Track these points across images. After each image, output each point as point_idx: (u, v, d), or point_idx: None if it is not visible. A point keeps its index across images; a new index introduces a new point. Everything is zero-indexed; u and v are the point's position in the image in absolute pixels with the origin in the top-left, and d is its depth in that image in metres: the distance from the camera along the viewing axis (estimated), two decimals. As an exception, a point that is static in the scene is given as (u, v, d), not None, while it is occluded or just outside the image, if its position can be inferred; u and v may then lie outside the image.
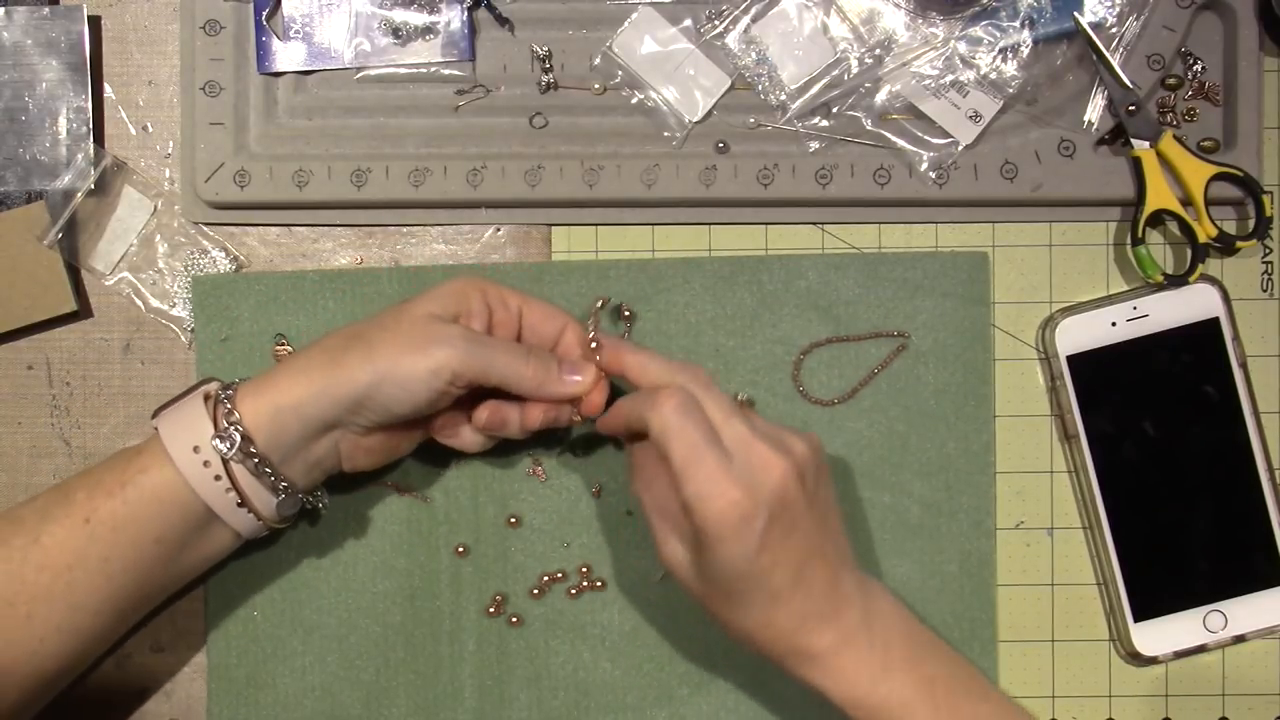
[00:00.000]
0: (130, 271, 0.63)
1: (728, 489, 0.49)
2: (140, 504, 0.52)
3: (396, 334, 0.53)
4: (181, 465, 0.52)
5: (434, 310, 0.54)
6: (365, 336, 0.54)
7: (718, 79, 0.62)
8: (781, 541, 0.50)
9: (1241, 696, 0.62)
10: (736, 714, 0.61)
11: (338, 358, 0.53)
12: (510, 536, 0.62)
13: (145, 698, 0.62)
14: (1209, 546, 0.61)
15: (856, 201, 0.62)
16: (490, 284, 0.56)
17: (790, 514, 0.50)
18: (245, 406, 0.53)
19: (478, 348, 0.53)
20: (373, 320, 0.55)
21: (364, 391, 0.52)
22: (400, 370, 0.52)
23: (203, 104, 0.61)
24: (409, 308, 0.55)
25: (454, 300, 0.55)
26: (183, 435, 0.53)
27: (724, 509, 0.49)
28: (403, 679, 0.61)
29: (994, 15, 0.61)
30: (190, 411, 0.53)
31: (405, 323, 0.54)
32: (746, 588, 0.50)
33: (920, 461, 0.62)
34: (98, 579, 0.53)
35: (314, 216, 0.63)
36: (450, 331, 0.53)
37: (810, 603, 0.51)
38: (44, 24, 0.61)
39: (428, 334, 0.53)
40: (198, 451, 0.52)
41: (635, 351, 0.55)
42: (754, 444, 0.50)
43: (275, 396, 0.53)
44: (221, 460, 0.52)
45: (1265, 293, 0.63)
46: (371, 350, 0.53)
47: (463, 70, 0.62)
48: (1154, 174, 0.61)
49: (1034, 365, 0.63)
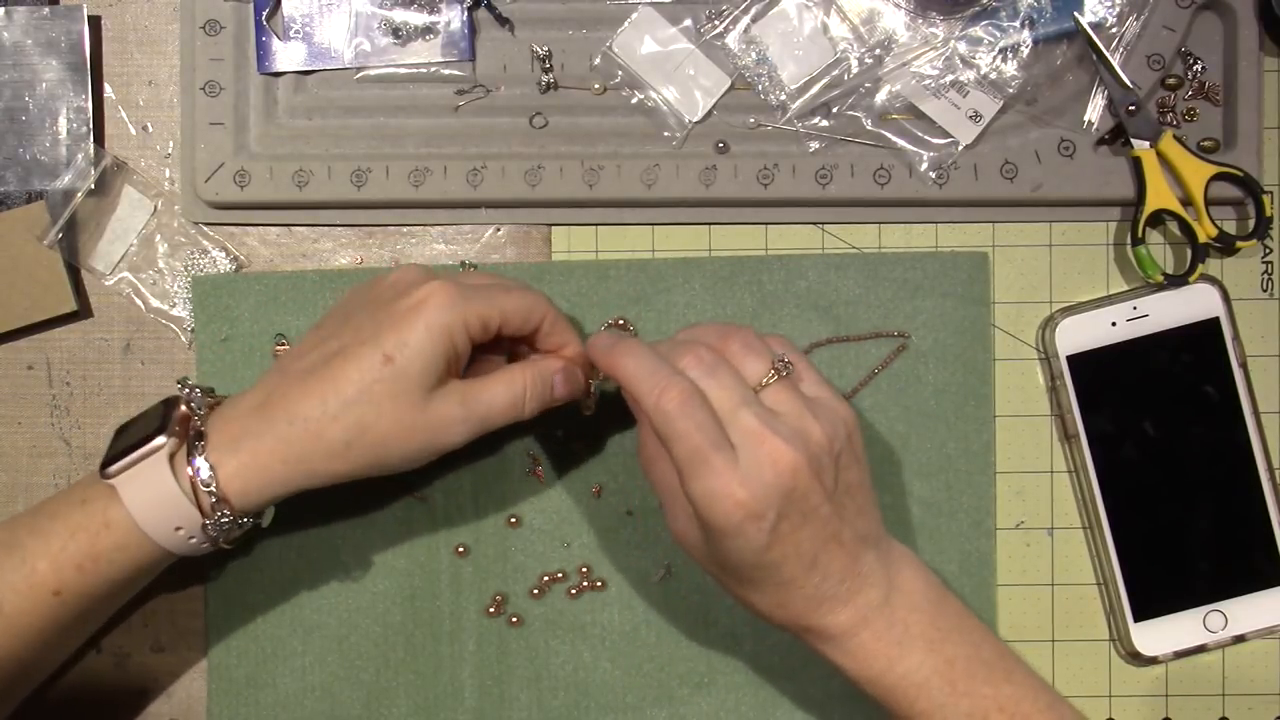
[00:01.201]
0: (130, 271, 0.63)
1: (734, 489, 0.47)
2: (114, 575, 0.51)
3: (399, 429, 0.51)
4: (165, 543, 0.51)
5: (429, 381, 0.51)
6: (368, 431, 0.51)
7: (718, 79, 0.62)
8: (793, 534, 0.48)
9: (1241, 696, 0.62)
10: (736, 714, 0.61)
11: (341, 454, 0.51)
12: (510, 536, 0.62)
13: (145, 698, 0.62)
14: (1209, 546, 0.61)
15: (856, 201, 0.62)
16: (470, 309, 0.52)
17: (803, 506, 0.48)
18: (233, 487, 0.50)
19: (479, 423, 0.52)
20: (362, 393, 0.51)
21: (363, 475, 0.52)
22: (407, 463, 0.52)
23: (203, 104, 0.61)
24: (401, 384, 0.51)
25: (443, 357, 0.51)
26: (163, 520, 0.51)
27: (730, 510, 0.47)
28: (403, 679, 0.61)
29: (994, 15, 0.61)
30: (164, 490, 0.50)
31: (404, 409, 0.51)
32: (757, 576, 0.50)
33: (920, 461, 0.62)
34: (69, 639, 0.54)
35: (314, 216, 0.63)
36: (451, 413, 0.52)
37: (826, 585, 0.50)
38: (44, 24, 0.61)
39: (432, 426, 0.51)
40: (181, 530, 0.51)
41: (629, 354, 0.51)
42: (764, 437, 0.48)
43: (269, 483, 0.51)
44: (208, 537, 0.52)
45: (1265, 293, 0.63)
46: (382, 449, 0.51)
47: (463, 70, 0.62)
48: (1154, 174, 0.61)
49: (1034, 365, 0.63)
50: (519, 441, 0.62)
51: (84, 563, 0.51)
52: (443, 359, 0.51)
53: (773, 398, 0.50)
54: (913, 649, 0.50)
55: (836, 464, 0.50)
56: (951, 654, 0.51)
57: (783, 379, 0.50)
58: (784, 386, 0.50)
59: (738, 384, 0.50)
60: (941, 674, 0.50)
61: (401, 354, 0.51)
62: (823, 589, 0.50)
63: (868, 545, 0.51)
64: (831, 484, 0.49)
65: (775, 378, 0.50)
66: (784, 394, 0.50)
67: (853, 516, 0.51)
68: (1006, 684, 0.51)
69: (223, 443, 0.51)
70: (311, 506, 0.61)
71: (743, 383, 0.50)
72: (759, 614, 0.52)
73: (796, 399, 0.50)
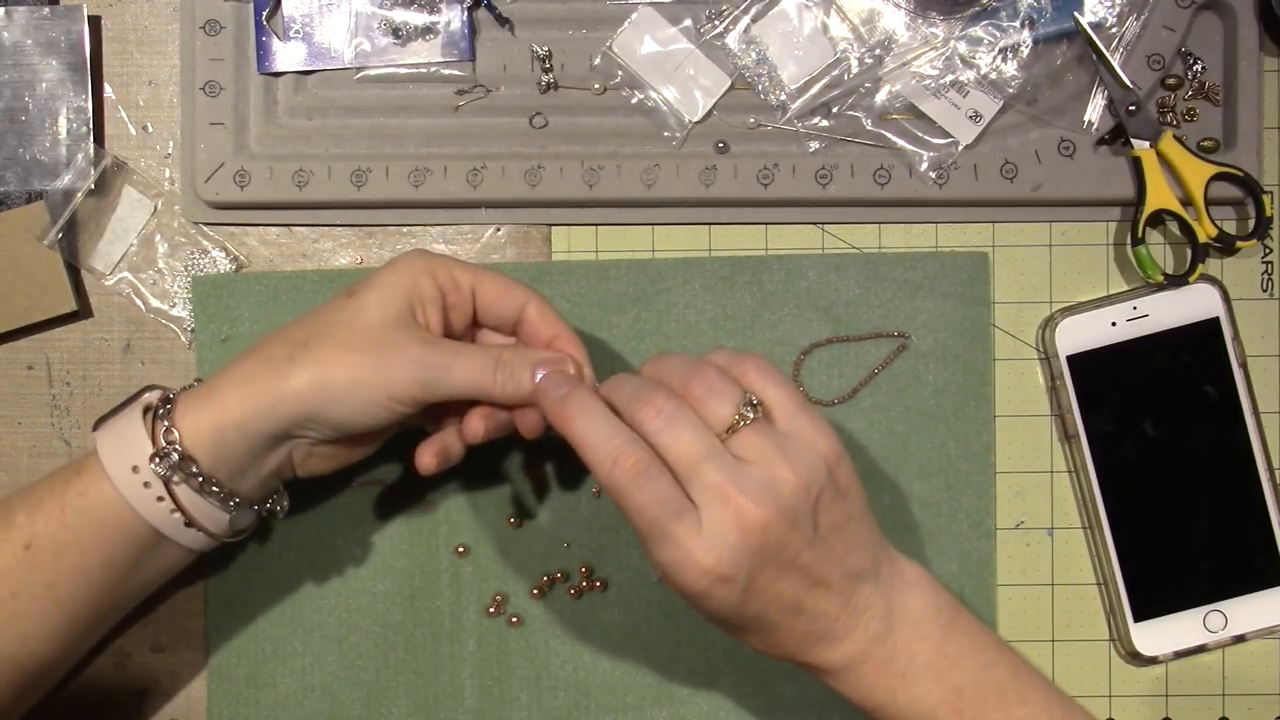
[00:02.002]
0: (130, 271, 0.63)
1: (697, 558, 0.45)
2: (82, 529, 0.49)
3: (348, 347, 0.49)
4: (121, 486, 0.49)
5: (386, 312, 0.50)
6: (313, 346, 0.49)
7: (718, 79, 0.62)
8: (772, 587, 0.46)
9: (1241, 696, 0.62)
10: (736, 714, 0.61)
11: (283, 370, 0.49)
12: (510, 536, 0.62)
13: (145, 698, 0.62)
14: (1209, 546, 0.61)
15: (856, 201, 0.62)
16: (440, 262, 0.52)
17: (778, 560, 0.46)
18: (185, 423, 0.49)
19: (439, 370, 0.49)
20: (318, 320, 0.51)
21: (313, 410, 0.49)
22: (355, 395, 0.49)
23: (203, 104, 0.61)
24: (357, 308, 0.50)
25: (404, 293, 0.51)
26: (121, 454, 0.49)
27: (695, 579, 0.45)
28: (403, 679, 0.61)
29: (994, 15, 0.61)
30: (128, 427, 0.49)
31: (357, 332, 0.50)
32: (742, 625, 0.48)
33: (920, 461, 0.62)
34: (46, 605, 0.50)
35: (314, 216, 0.63)
36: (408, 351, 0.49)
37: (816, 626, 0.48)
38: (44, 24, 0.61)
39: (383, 353, 0.49)
40: (137, 472, 0.49)
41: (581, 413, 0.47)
42: (728, 496, 0.45)
43: (218, 413, 0.49)
44: (163, 481, 0.49)
45: (1265, 293, 0.63)
46: (321, 366, 0.49)
47: (463, 70, 0.62)
48: (1154, 174, 0.61)
49: (1034, 365, 0.63)
50: (519, 442, 0.62)
51: (54, 510, 0.49)
52: (403, 294, 0.50)
53: (740, 444, 0.46)
54: (918, 679, 0.48)
55: (816, 507, 0.46)
56: (959, 681, 0.48)
57: (751, 422, 0.46)
58: (753, 430, 0.46)
59: (699, 436, 0.46)
60: (948, 703, 0.48)
61: (362, 288, 0.51)
62: (813, 629, 0.48)
63: (863, 580, 0.48)
64: (810, 532, 0.46)
65: (745, 424, 0.46)
66: (753, 438, 0.46)
67: (841, 556, 0.47)
68: (1019, 707, 0.49)
69: (194, 388, 0.51)
70: (312, 507, 0.61)
71: (705, 433, 0.46)
72: (754, 652, 0.50)
73: (767, 443, 0.46)
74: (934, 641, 0.49)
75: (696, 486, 0.45)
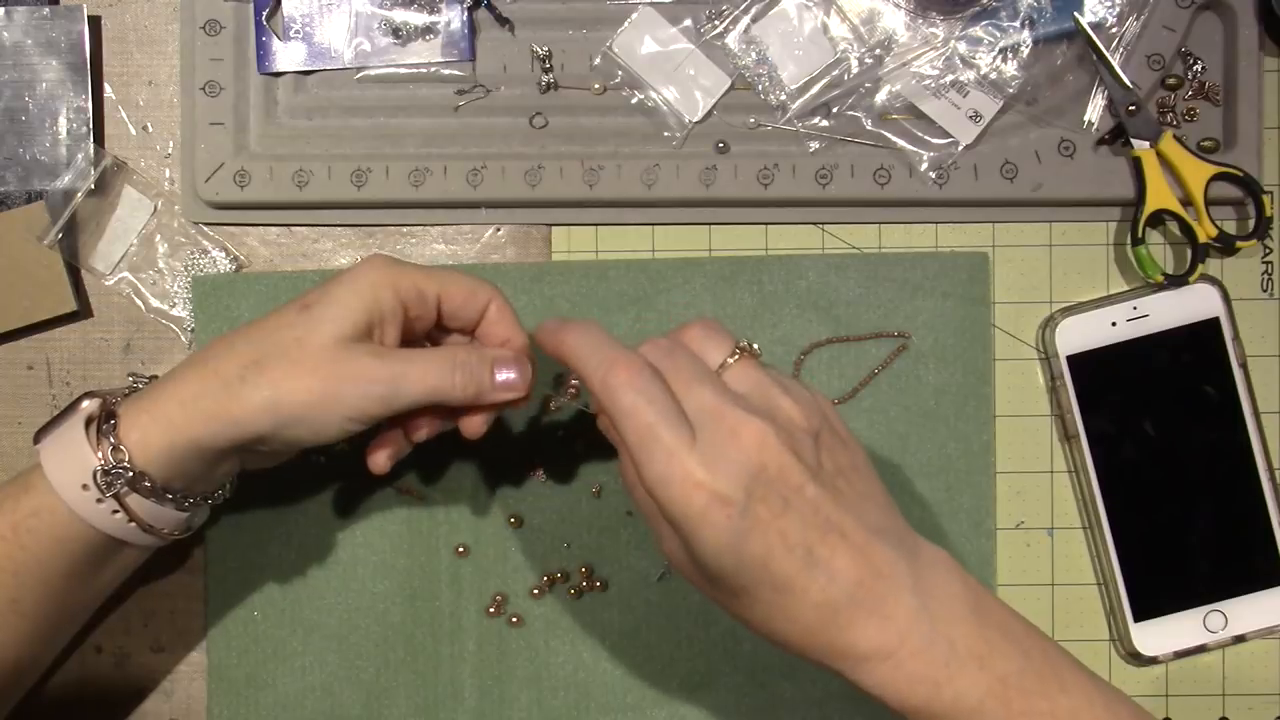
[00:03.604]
0: (130, 271, 0.63)
1: (691, 469, 0.42)
2: (39, 547, 0.48)
3: (300, 368, 0.47)
4: (73, 504, 0.48)
5: (342, 329, 0.48)
6: (265, 367, 0.47)
7: (718, 79, 0.62)
8: (775, 521, 0.42)
9: (1241, 696, 0.62)
10: (736, 714, 0.61)
11: (235, 390, 0.47)
12: (510, 536, 0.62)
13: (145, 698, 0.62)
14: (1209, 546, 0.61)
15: (856, 201, 0.62)
16: (403, 273, 0.49)
17: (780, 487, 0.42)
18: (132, 438, 0.48)
19: (395, 386, 0.48)
20: (269, 336, 0.48)
21: (268, 431, 0.48)
22: (310, 418, 0.47)
23: (203, 104, 0.61)
24: (311, 326, 0.48)
25: (363, 311, 0.48)
26: (68, 470, 0.48)
27: (689, 494, 0.42)
28: (403, 679, 0.61)
29: (994, 15, 0.61)
30: (72, 440, 0.48)
31: (310, 353, 0.47)
32: (745, 581, 0.43)
33: (920, 461, 0.62)
34: (11, 619, 0.49)
35: (314, 216, 0.63)
36: (363, 371, 0.47)
37: (834, 589, 0.42)
38: (44, 24, 0.61)
39: (338, 376, 0.47)
40: (87, 489, 0.48)
41: (575, 331, 0.46)
42: (724, 411, 0.42)
43: (166, 430, 0.48)
44: (114, 497, 0.48)
45: (1265, 293, 0.63)
46: (274, 390, 0.47)
47: (463, 70, 0.62)
48: (1154, 174, 0.61)
49: (1034, 365, 0.63)
50: (519, 441, 0.62)
51: (6, 532, 0.48)
52: (362, 312, 0.48)
53: (736, 376, 0.45)
54: (963, 669, 0.43)
55: (817, 443, 0.44)
56: (1004, 670, 0.43)
57: (746, 357, 0.45)
58: (748, 364, 0.45)
59: (695, 363, 0.44)
60: (996, 695, 0.43)
61: (318, 303, 0.48)
62: (831, 593, 0.42)
63: (885, 541, 0.43)
64: (814, 462, 0.43)
65: (739, 356, 0.45)
66: (749, 372, 0.45)
67: (855, 503, 0.44)
68: (1062, 695, 0.44)
69: (135, 397, 0.49)
70: (312, 506, 0.61)
71: (701, 363, 0.45)
72: (775, 640, 0.45)
73: (764, 376, 0.45)
74: (973, 625, 0.43)
75: (690, 405, 0.43)
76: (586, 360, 0.45)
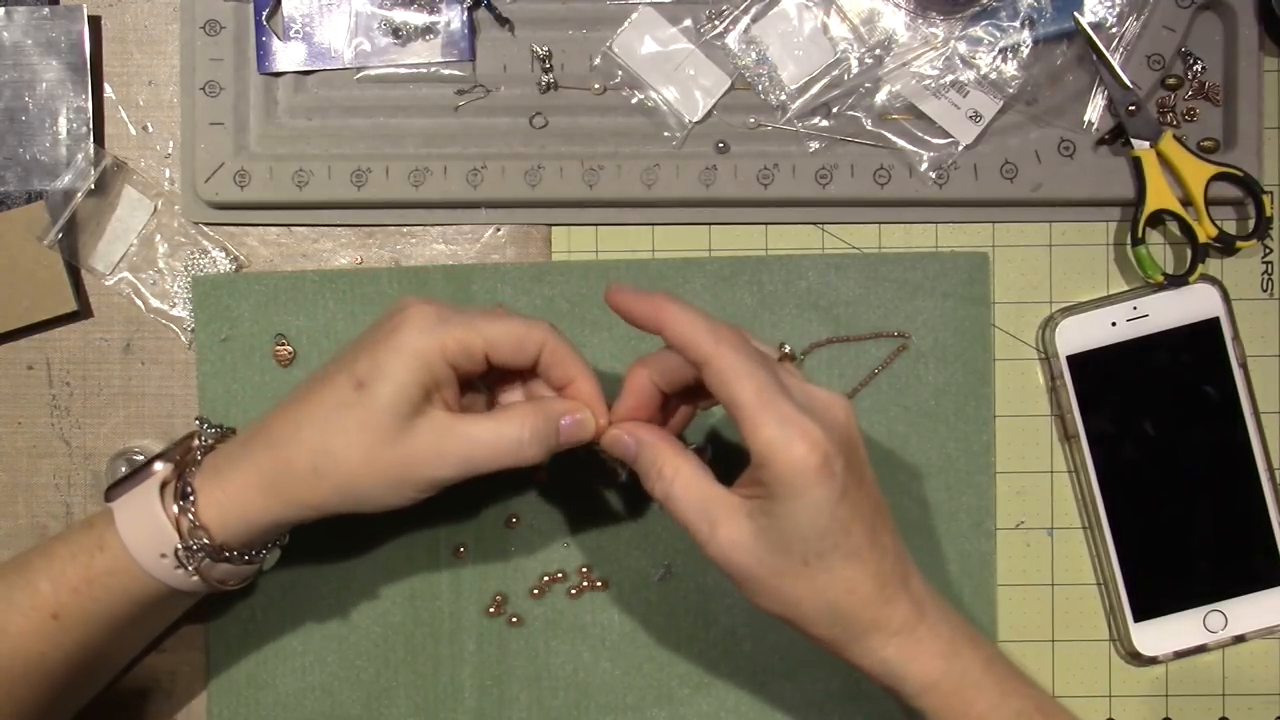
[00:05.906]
0: (130, 271, 0.63)
1: (809, 427, 0.44)
2: (110, 600, 0.51)
3: (370, 454, 0.48)
4: (150, 569, 0.50)
5: (402, 409, 0.48)
6: (336, 457, 0.49)
7: (718, 79, 0.62)
8: (856, 490, 0.46)
9: (1241, 696, 0.62)
10: (736, 714, 0.61)
11: (309, 481, 0.49)
12: (510, 536, 0.62)
13: (145, 698, 0.62)
14: (1209, 546, 0.61)
15: (856, 201, 0.62)
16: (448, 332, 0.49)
17: (858, 458, 0.47)
18: (210, 513, 0.50)
19: (468, 461, 0.49)
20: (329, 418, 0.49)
21: (344, 510, 0.50)
22: (384, 496, 0.50)
23: (203, 104, 0.61)
24: (372, 406, 0.48)
25: (418, 383, 0.49)
26: (147, 542, 0.50)
27: (808, 452, 0.44)
28: (403, 679, 0.61)
29: (994, 15, 0.61)
30: (148, 510, 0.50)
31: (377, 435, 0.48)
32: (825, 547, 0.45)
33: (920, 461, 0.62)
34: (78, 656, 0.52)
35: (314, 216, 0.63)
36: (433, 450, 0.49)
37: (885, 564, 0.47)
38: (44, 24, 0.61)
39: (408, 459, 0.49)
40: (165, 558, 0.50)
41: (674, 303, 0.48)
42: (809, 388, 0.47)
43: (244, 509, 0.50)
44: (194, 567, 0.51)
45: (1265, 293, 0.63)
46: (349, 479, 0.49)
47: (463, 70, 0.62)
48: (1154, 174, 0.61)
49: (1034, 365, 0.63)
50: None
51: (80, 585, 0.50)
52: (417, 386, 0.48)
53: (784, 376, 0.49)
54: (963, 645, 0.47)
55: None
56: (989, 653, 0.48)
57: (786, 360, 0.50)
58: (789, 366, 0.49)
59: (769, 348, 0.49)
60: (989, 672, 0.48)
61: (372, 379, 0.48)
62: (883, 567, 0.47)
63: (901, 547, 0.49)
64: (865, 453, 0.48)
65: (780, 359, 0.49)
66: (792, 370, 0.49)
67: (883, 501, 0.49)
68: (1033, 685, 0.49)
69: (208, 470, 0.51)
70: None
71: None
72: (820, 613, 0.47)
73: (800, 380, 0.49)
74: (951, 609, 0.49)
75: (785, 381, 0.47)
76: (694, 330, 0.46)
